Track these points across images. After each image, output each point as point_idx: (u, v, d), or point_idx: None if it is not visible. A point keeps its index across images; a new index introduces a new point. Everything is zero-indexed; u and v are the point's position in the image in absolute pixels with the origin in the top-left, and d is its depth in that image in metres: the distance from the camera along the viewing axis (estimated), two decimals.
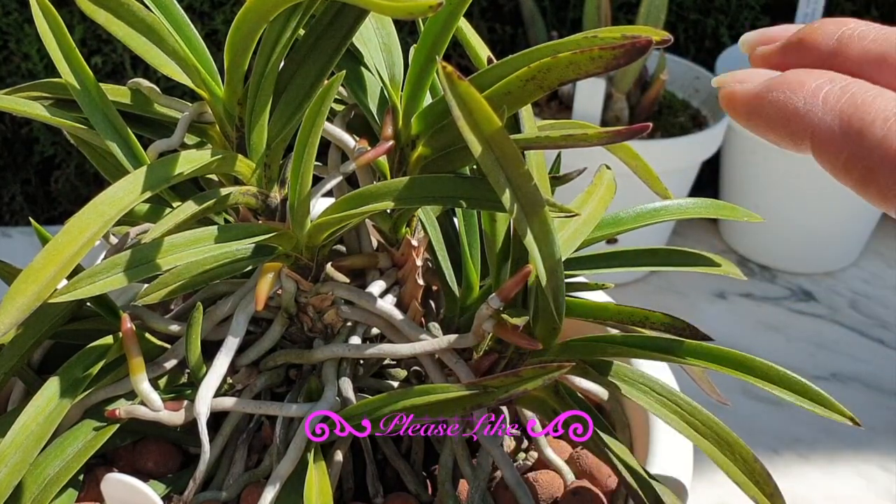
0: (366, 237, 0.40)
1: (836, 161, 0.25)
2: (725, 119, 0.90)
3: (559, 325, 0.33)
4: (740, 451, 0.34)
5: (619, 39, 0.29)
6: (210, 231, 0.34)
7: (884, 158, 0.24)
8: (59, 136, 0.93)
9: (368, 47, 0.37)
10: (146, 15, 0.37)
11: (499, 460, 0.35)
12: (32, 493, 0.33)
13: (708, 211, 0.40)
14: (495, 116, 0.30)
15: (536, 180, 0.31)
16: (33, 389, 0.35)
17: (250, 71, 0.35)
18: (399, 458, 0.39)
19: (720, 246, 1.01)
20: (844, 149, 0.25)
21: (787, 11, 1.05)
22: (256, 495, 0.34)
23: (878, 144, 0.24)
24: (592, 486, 0.38)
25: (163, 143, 0.37)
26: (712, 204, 0.40)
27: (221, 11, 0.89)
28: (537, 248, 0.31)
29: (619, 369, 0.37)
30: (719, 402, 0.40)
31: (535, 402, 0.38)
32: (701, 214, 0.40)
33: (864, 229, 1.01)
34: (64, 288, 0.31)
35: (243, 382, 0.38)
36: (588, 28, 0.74)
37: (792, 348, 0.86)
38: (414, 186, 0.33)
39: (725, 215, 0.40)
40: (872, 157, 0.24)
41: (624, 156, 0.42)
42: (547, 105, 0.94)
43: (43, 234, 0.37)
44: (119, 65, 0.91)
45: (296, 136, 0.33)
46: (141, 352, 0.35)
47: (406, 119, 0.36)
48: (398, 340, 0.37)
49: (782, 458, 0.73)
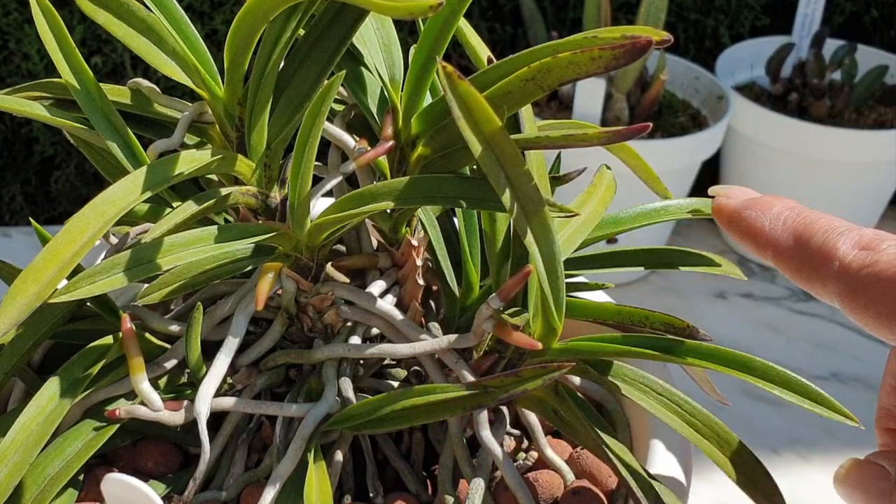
0: (366, 237, 0.40)
1: (790, 265, 0.33)
2: (725, 119, 0.90)
3: (559, 325, 0.33)
4: (740, 452, 0.34)
5: (619, 39, 0.29)
6: (210, 231, 0.33)
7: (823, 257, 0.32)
8: (59, 136, 0.93)
9: (368, 47, 0.37)
10: (146, 15, 0.37)
11: (499, 460, 0.35)
12: (32, 493, 0.33)
13: (708, 210, 0.40)
14: (495, 116, 0.30)
15: (536, 180, 0.31)
16: (33, 389, 0.35)
17: (250, 71, 0.35)
18: (399, 458, 0.39)
19: (720, 246, 1.01)
20: (795, 256, 0.33)
21: (787, 11, 1.04)
22: (256, 495, 0.34)
23: (818, 249, 0.32)
24: (592, 486, 0.38)
25: (163, 143, 0.37)
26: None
27: (221, 11, 0.89)
28: (537, 247, 0.31)
29: (619, 369, 0.37)
30: (719, 402, 0.40)
31: (535, 402, 0.38)
32: (701, 214, 0.40)
33: None
34: (64, 288, 0.31)
35: (243, 382, 0.38)
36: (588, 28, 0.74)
37: (792, 348, 0.86)
38: (414, 186, 0.33)
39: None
40: (815, 259, 0.32)
41: (624, 156, 0.42)
42: (547, 105, 0.94)
43: (43, 234, 0.37)
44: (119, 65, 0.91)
45: (296, 136, 0.33)
46: (141, 352, 0.35)
47: (406, 119, 0.36)
48: (398, 340, 0.37)
49: (782, 458, 0.73)
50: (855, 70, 0.98)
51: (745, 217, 0.35)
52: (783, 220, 0.34)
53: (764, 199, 0.35)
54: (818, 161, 0.93)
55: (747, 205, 0.35)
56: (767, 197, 0.35)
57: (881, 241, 0.31)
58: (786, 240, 0.33)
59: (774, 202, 0.35)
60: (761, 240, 0.34)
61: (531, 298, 0.35)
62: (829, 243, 0.32)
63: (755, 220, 0.34)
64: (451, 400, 0.33)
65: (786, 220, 0.34)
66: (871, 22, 1.12)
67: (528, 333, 0.35)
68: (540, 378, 0.31)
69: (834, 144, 0.92)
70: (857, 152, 0.93)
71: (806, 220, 0.33)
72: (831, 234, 0.32)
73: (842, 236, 0.32)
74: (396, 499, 0.37)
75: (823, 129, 0.92)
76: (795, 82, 0.99)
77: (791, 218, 0.34)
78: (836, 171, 0.94)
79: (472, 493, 0.35)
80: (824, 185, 0.96)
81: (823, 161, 0.93)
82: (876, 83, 0.98)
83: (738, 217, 0.35)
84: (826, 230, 0.32)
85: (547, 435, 0.41)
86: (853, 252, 0.31)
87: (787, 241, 0.33)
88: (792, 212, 0.34)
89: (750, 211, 0.35)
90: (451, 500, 0.36)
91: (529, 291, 0.35)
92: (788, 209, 0.34)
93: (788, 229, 0.33)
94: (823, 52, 0.99)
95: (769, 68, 0.99)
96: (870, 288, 0.31)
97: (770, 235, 0.34)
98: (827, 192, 0.96)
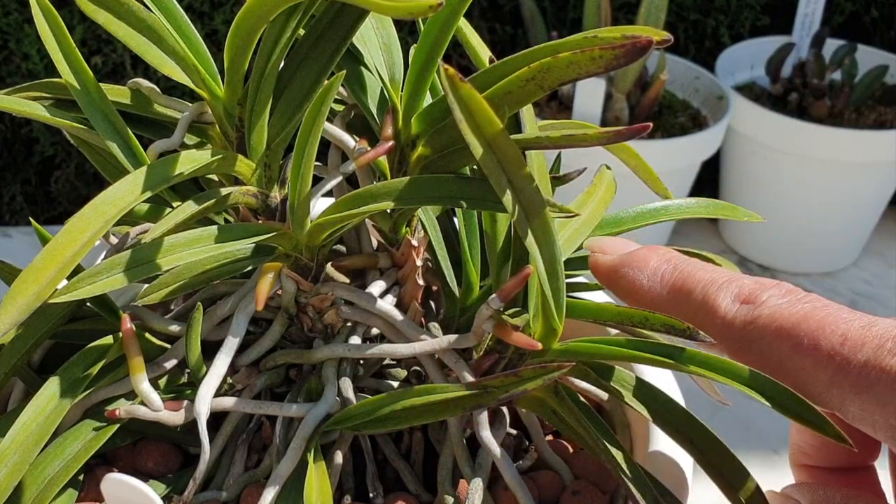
0: (366, 237, 0.40)
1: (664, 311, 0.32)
2: (725, 119, 0.90)
3: (559, 326, 0.33)
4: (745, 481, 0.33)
5: (619, 39, 0.29)
6: (210, 231, 0.33)
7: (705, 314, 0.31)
8: (59, 136, 0.93)
9: (368, 47, 0.37)
10: (146, 15, 0.37)
11: (499, 460, 0.35)
12: (32, 493, 0.33)
13: (708, 211, 0.40)
14: (497, 119, 0.30)
15: (537, 181, 0.31)
16: (33, 389, 0.35)
17: (250, 71, 0.35)
18: (399, 458, 0.39)
19: (720, 246, 1.01)
20: (675, 312, 0.32)
21: (787, 11, 1.04)
22: (256, 495, 0.34)
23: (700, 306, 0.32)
24: (592, 486, 0.38)
25: (163, 143, 0.37)
26: (712, 204, 0.40)
27: (221, 11, 0.89)
28: (538, 248, 0.31)
29: (620, 374, 0.37)
30: (720, 402, 0.40)
31: (535, 403, 0.38)
32: (701, 214, 0.40)
33: (864, 229, 1.01)
34: (64, 288, 0.31)
35: (243, 382, 0.38)
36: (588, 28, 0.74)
37: None
38: (414, 186, 0.33)
39: (726, 215, 0.40)
40: (697, 316, 0.32)
41: (624, 156, 0.42)
42: (547, 105, 0.94)
43: (43, 234, 0.37)
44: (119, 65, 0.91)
45: (296, 136, 0.33)
46: (141, 352, 0.35)
47: (406, 119, 0.36)
48: (398, 340, 0.37)
49: (782, 458, 0.73)
50: (855, 70, 0.98)
51: (622, 275, 0.34)
52: (661, 275, 0.33)
53: (639, 254, 0.34)
54: (818, 161, 0.93)
55: (623, 262, 0.34)
56: (643, 250, 0.34)
57: (761, 292, 0.31)
58: (665, 298, 0.33)
59: (651, 256, 0.34)
60: (641, 299, 0.33)
61: (531, 299, 0.35)
62: (708, 299, 0.31)
63: (633, 277, 0.33)
64: (451, 400, 0.33)
65: (664, 276, 0.33)
66: (871, 22, 1.12)
67: (529, 334, 0.35)
68: (540, 378, 0.31)
69: (834, 144, 0.92)
70: (857, 152, 0.93)
71: (684, 273, 0.32)
72: (710, 287, 0.32)
73: (721, 290, 0.31)
74: (396, 499, 0.37)
75: (823, 129, 0.92)
76: (795, 82, 0.99)
77: (668, 273, 0.33)
78: (836, 171, 0.94)
79: (472, 493, 0.35)
80: (824, 185, 0.96)
81: (823, 161, 0.93)
82: (876, 83, 0.98)
83: (615, 275, 0.34)
84: (705, 284, 0.32)
85: (547, 435, 0.41)
86: (735, 307, 0.31)
87: (666, 299, 0.33)
88: (669, 265, 0.33)
89: (627, 269, 0.34)
90: (451, 500, 0.36)
91: (530, 292, 0.35)
92: (666, 262, 0.33)
93: (667, 286, 0.33)
94: (823, 52, 0.99)
95: (769, 68, 0.99)
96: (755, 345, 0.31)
97: (649, 294, 0.33)
98: (827, 192, 0.96)
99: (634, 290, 0.33)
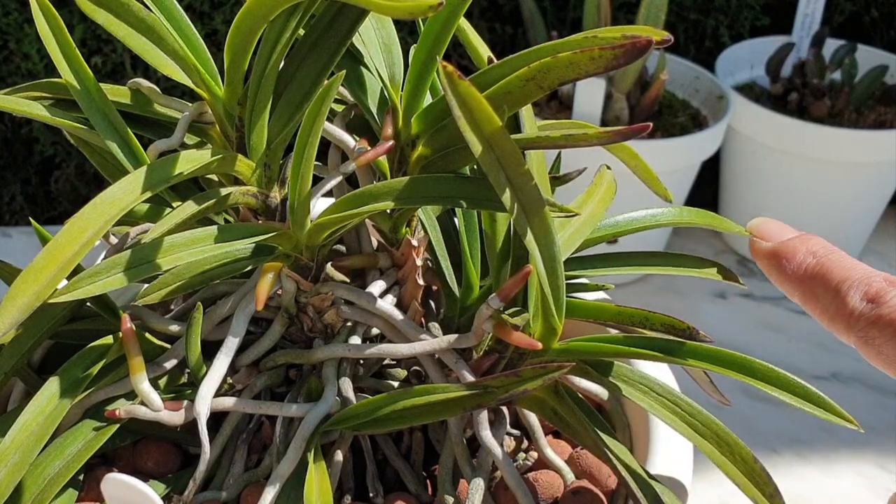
0: (366, 237, 0.40)
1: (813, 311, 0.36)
2: (725, 119, 0.90)
3: (559, 325, 0.33)
4: (740, 452, 0.34)
5: (619, 39, 0.29)
6: (210, 231, 0.33)
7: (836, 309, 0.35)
8: (59, 136, 0.93)
9: (368, 47, 0.37)
10: (146, 15, 0.37)
11: (499, 460, 0.35)
12: (32, 493, 0.33)
13: (701, 220, 0.40)
14: (496, 116, 0.30)
15: (537, 180, 0.31)
16: (33, 389, 0.35)
17: (250, 71, 0.35)
18: (399, 458, 0.39)
19: (720, 246, 1.01)
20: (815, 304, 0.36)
21: (787, 11, 1.04)
22: (256, 495, 0.34)
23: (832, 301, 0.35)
24: (592, 486, 0.38)
25: (163, 143, 0.37)
26: (705, 214, 0.41)
27: (221, 11, 0.89)
28: (537, 248, 0.31)
29: (620, 369, 0.37)
30: (720, 401, 0.40)
31: (535, 402, 0.38)
32: (694, 223, 0.40)
33: (864, 229, 1.01)
34: (64, 288, 0.31)
35: (243, 382, 0.38)
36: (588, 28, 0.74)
37: (792, 348, 0.86)
38: (414, 186, 0.33)
39: (717, 226, 0.40)
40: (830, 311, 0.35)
41: (624, 156, 0.42)
42: (547, 105, 0.94)
43: (43, 234, 0.37)
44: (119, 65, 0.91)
45: (296, 136, 0.33)
46: (141, 352, 0.35)
47: (406, 119, 0.36)
48: (398, 340, 0.37)
49: (782, 458, 0.73)
50: (855, 70, 0.98)
51: (773, 265, 0.37)
52: (805, 268, 0.36)
53: (789, 245, 0.37)
54: (818, 161, 0.93)
55: (776, 251, 0.38)
56: (794, 241, 0.37)
57: (886, 293, 0.34)
58: (806, 289, 0.36)
59: (799, 248, 0.37)
60: (788, 288, 0.37)
61: (531, 298, 0.35)
62: (840, 296, 0.35)
63: (783, 267, 0.37)
64: (451, 400, 0.33)
65: (806, 269, 0.36)
66: (871, 22, 1.12)
67: (529, 333, 0.35)
68: (540, 378, 0.31)
69: (834, 144, 0.92)
70: (857, 152, 0.93)
71: (824, 269, 0.36)
72: (843, 284, 0.35)
73: (852, 287, 0.34)
74: (396, 499, 0.37)
75: (823, 129, 0.92)
76: (795, 82, 0.99)
77: (811, 267, 0.36)
78: (836, 171, 0.94)
79: (472, 493, 0.35)
80: (824, 185, 0.96)
81: (823, 161, 0.93)
82: (876, 83, 0.98)
83: (767, 262, 0.38)
84: (839, 281, 0.35)
85: (547, 435, 0.41)
86: (861, 305, 0.34)
87: (807, 290, 0.36)
88: (813, 258, 0.36)
89: (778, 258, 0.37)
90: (451, 500, 0.36)
91: (529, 291, 0.35)
92: (811, 255, 0.37)
93: (808, 278, 0.36)
94: (823, 52, 0.99)
95: (769, 68, 0.99)
96: (875, 342, 0.33)
97: (794, 284, 0.37)
98: (827, 192, 0.96)
99: (783, 279, 0.37)
